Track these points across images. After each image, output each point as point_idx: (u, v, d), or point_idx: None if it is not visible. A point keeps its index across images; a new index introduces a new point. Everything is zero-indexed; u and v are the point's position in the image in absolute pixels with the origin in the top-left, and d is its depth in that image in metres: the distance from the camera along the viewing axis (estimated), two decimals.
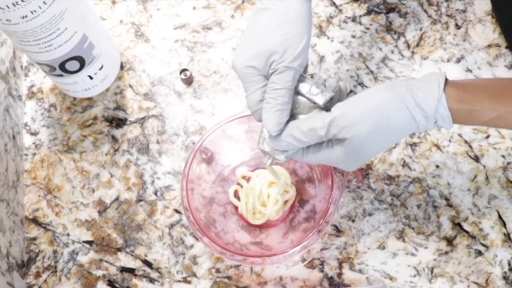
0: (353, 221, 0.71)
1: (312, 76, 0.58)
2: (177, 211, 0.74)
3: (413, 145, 0.74)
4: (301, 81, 0.57)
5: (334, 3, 0.81)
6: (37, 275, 0.73)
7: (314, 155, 0.57)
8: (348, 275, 0.70)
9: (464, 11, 0.79)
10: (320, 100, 0.56)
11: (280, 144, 0.57)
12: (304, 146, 0.57)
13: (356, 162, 0.56)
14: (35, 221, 0.75)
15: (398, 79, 0.55)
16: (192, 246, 0.72)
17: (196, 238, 0.72)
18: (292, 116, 0.57)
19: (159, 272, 0.72)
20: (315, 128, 0.54)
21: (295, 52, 0.55)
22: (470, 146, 0.73)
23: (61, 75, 0.73)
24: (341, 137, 0.54)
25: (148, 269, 0.72)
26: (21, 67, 0.81)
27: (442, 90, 0.53)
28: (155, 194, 0.75)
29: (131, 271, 0.72)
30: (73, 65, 0.71)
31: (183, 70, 0.77)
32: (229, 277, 0.71)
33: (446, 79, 0.54)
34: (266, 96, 0.56)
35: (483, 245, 0.70)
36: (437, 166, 0.73)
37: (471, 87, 0.54)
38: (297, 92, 0.57)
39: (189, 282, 0.71)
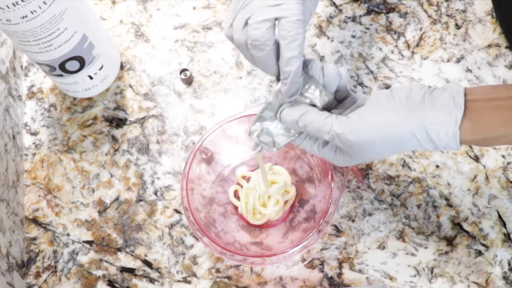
0: (353, 221, 0.71)
1: (309, 65, 0.56)
2: (177, 211, 0.74)
3: None
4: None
5: (334, 3, 0.81)
6: (37, 275, 0.73)
7: (311, 146, 0.57)
8: (348, 275, 0.70)
9: (464, 11, 0.79)
10: (319, 102, 0.55)
11: (282, 118, 0.56)
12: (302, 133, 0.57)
13: (353, 162, 0.56)
14: (35, 221, 0.75)
15: (413, 92, 0.53)
16: (192, 246, 0.72)
17: (196, 238, 0.72)
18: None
19: (159, 272, 0.72)
20: (320, 130, 0.53)
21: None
22: (470, 146, 0.73)
23: (61, 75, 0.73)
24: (344, 149, 0.54)
25: (148, 269, 0.72)
26: (21, 67, 0.81)
27: (458, 127, 0.51)
28: (155, 194, 0.75)
29: (131, 271, 0.72)
30: (73, 65, 0.71)
31: (183, 70, 0.77)
32: (229, 277, 0.71)
33: (465, 104, 0.52)
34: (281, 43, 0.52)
35: (483, 245, 0.70)
36: (437, 166, 0.73)
37: (487, 111, 0.52)
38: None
39: (189, 282, 0.71)
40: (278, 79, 0.56)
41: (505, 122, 0.51)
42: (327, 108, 0.56)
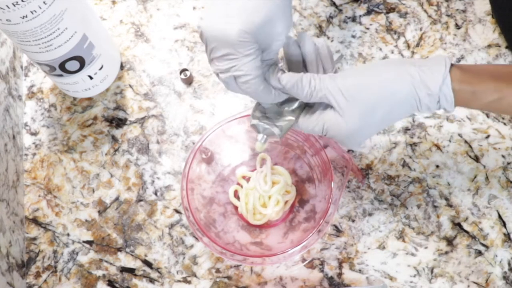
0: (353, 221, 0.71)
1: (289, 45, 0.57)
2: (177, 211, 0.74)
3: (413, 145, 0.74)
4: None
5: (334, 3, 0.81)
6: (37, 275, 0.73)
7: (310, 119, 0.57)
8: (348, 275, 0.70)
9: (464, 11, 0.79)
10: (276, 129, 0.58)
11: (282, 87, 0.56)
12: (299, 96, 0.56)
13: (355, 136, 0.56)
14: (35, 221, 0.75)
15: (404, 58, 0.55)
16: (192, 246, 0.72)
17: (196, 238, 0.72)
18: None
19: (159, 272, 0.72)
20: (319, 89, 0.54)
21: (287, 22, 0.54)
22: (470, 146, 0.73)
23: (61, 75, 0.73)
24: (344, 99, 0.54)
25: (148, 269, 0.72)
26: (21, 67, 0.81)
27: (448, 70, 0.53)
28: (155, 194, 0.75)
29: (131, 271, 0.72)
30: (73, 65, 0.71)
31: (183, 70, 0.77)
32: (229, 277, 0.71)
33: (452, 64, 0.54)
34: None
35: (483, 245, 0.70)
36: (437, 166, 0.73)
37: (475, 69, 0.55)
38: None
39: (189, 282, 0.71)
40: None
41: (495, 78, 0.53)
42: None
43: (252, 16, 0.52)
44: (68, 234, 0.74)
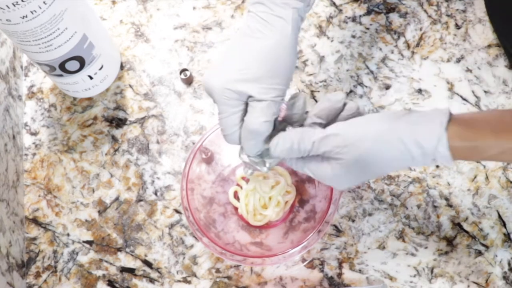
0: (353, 221, 0.71)
1: (289, 105, 0.57)
2: (177, 211, 0.74)
3: None
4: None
5: (334, 3, 0.81)
6: (37, 275, 0.73)
7: (302, 165, 0.56)
8: (348, 275, 0.70)
9: (464, 11, 0.79)
10: (263, 167, 0.58)
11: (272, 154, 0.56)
12: (291, 157, 0.56)
13: (345, 182, 0.55)
14: (35, 221, 0.75)
15: (400, 110, 0.54)
16: (192, 246, 0.72)
17: (196, 238, 0.72)
18: None
19: (159, 272, 0.72)
20: (303, 141, 0.54)
21: (281, 87, 0.55)
22: None
23: (61, 75, 0.73)
24: (331, 156, 0.53)
25: (148, 269, 0.72)
26: (21, 67, 0.81)
27: (444, 129, 0.50)
28: (155, 194, 0.75)
29: (131, 271, 0.72)
30: (73, 65, 0.71)
31: (183, 70, 0.77)
32: (229, 277, 0.71)
33: (450, 114, 0.52)
34: (247, 123, 0.55)
35: (483, 245, 0.70)
36: (437, 166, 0.73)
37: (474, 122, 0.52)
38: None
39: (189, 282, 0.71)
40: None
41: (495, 132, 0.51)
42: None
43: (239, 75, 0.54)
44: (68, 234, 0.74)
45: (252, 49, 0.55)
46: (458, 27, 0.78)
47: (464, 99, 0.75)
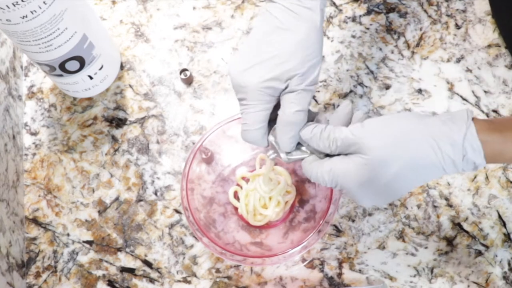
0: (353, 221, 0.71)
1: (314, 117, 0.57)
2: (177, 211, 0.74)
3: None
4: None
5: (334, 3, 0.81)
6: (37, 275, 0.73)
7: (320, 166, 0.54)
8: (348, 275, 0.70)
9: (464, 11, 0.79)
10: (285, 157, 0.57)
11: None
12: (316, 153, 0.55)
13: (366, 189, 0.52)
14: (35, 221, 0.75)
15: (421, 112, 0.53)
16: (192, 246, 0.72)
17: (196, 238, 0.72)
18: None
19: (159, 272, 0.72)
20: (335, 139, 0.52)
21: (313, 75, 0.55)
22: None
23: (61, 75, 0.73)
24: (357, 151, 0.51)
25: (148, 269, 0.72)
26: (21, 67, 0.81)
27: (470, 119, 0.49)
28: (155, 194, 0.75)
29: (131, 271, 0.72)
30: (73, 65, 0.71)
31: (183, 70, 0.77)
32: (229, 277, 0.71)
33: (472, 112, 0.51)
34: (283, 116, 0.54)
35: (483, 245, 0.70)
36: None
37: (498, 120, 0.51)
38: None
39: (189, 282, 0.71)
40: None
41: None
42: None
43: (275, 70, 0.54)
44: (68, 234, 0.74)
45: (285, 42, 0.55)
46: (458, 27, 0.78)
47: (464, 99, 0.75)
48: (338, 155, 0.53)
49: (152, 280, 0.71)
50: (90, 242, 0.74)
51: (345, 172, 0.52)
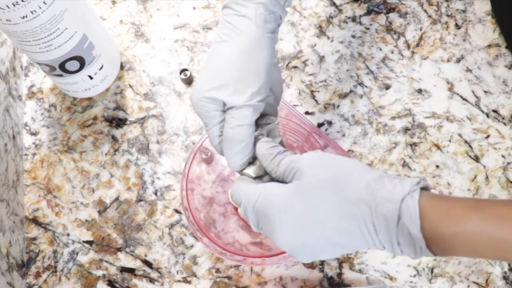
0: None
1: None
2: (177, 211, 0.74)
3: (413, 145, 0.74)
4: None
5: (334, 3, 0.81)
6: (37, 275, 0.73)
7: (250, 185, 0.52)
8: (348, 275, 0.70)
9: (464, 11, 0.79)
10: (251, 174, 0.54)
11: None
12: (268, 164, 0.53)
13: (293, 224, 0.47)
14: (35, 221, 0.75)
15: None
16: (192, 246, 0.72)
17: (196, 238, 0.72)
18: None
19: (159, 272, 0.72)
20: (281, 164, 0.51)
21: (253, 90, 0.52)
22: (470, 146, 0.73)
23: (61, 75, 0.73)
24: (294, 175, 0.49)
25: (148, 269, 0.72)
26: (21, 67, 0.81)
27: (419, 186, 0.43)
28: (155, 194, 0.75)
29: (131, 271, 0.72)
30: (73, 65, 0.71)
31: (183, 70, 0.77)
32: (229, 277, 0.71)
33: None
34: (224, 132, 0.53)
35: None
36: (437, 166, 0.73)
37: (453, 198, 0.44)
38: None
39: (189, 282, 0.71)
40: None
41: (472, 202, 0.42)
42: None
43: (210, 84, 0.52)
44: (68, 234, 0.74)
45: (220, 55, 0.52)
46: (458, 27, 0.78)
47: (464, 99, 0.75)
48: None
49: (152, 280, 0.71)
50: (90, 242, 0.74)
51: (272, 194, 0.49)
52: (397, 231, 0.42)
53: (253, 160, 0.54)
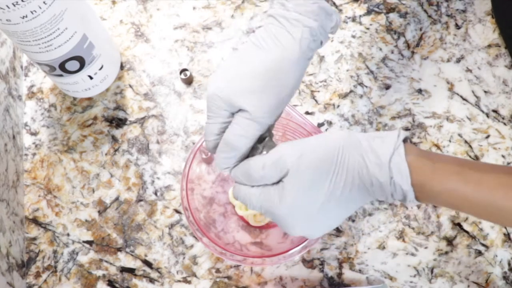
0: (353, 221, 0.71)
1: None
2: (177, 211, 0.74)
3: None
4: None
5: (334, 3, 0.80)
6: (37, 275, 0.73)
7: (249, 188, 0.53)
8: (348, 275, 0.70)
9: (464, 11, 0.79)
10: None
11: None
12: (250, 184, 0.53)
13: (297, 218, 0.50)
14: (35, 221, 0.75)
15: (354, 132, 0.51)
16: (192, 246, 0.72)
17: (196, 238, 0.72)
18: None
19: (159, 272, 0.72)
20: (251, 167, 0.51)
21: (273, 107, 0.51)
22: (470, 146, 0.73)
23: (61, 75, 0.73)
24: (283, 176, 0.50)
25: (148, 269, 0.72)
26: (21, 67, 0.81)
27: (401, 140, 0.47)
28: (155, 194, 0.75)
29: (131, 271, 0.72)
30: (73, 65, 0.71)
31: (183, 70, 0.77)
32: (229, 277, 0.71)
33: (407, 138, 0.48)
34: (225, 134, 0.52)
35: (483, 245, 0.70)
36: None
37: (430, 152, 0.49)
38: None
39: (189, 282, 0.71)
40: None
41: (456, 160, 0.48)
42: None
43: (232, 84, 0.51)
44: (68, 234, 0.74)
45: (252, 60, 0.52)
46: (458, 27, 0.78)
47: (464, 99, 0.75)
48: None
49: (152, 280, 0.71)
50: (90, 242, 0.74)
51: (269, 197, 0.51)
52: (391, 188, 0.47)
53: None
